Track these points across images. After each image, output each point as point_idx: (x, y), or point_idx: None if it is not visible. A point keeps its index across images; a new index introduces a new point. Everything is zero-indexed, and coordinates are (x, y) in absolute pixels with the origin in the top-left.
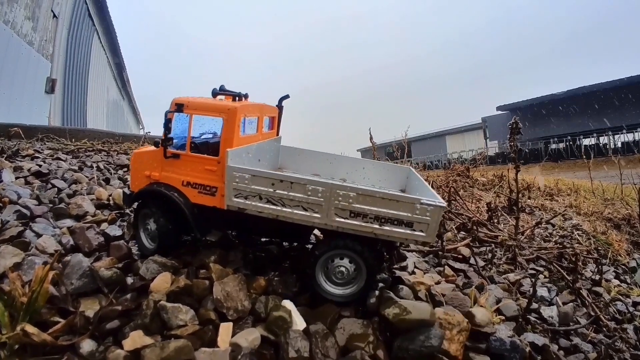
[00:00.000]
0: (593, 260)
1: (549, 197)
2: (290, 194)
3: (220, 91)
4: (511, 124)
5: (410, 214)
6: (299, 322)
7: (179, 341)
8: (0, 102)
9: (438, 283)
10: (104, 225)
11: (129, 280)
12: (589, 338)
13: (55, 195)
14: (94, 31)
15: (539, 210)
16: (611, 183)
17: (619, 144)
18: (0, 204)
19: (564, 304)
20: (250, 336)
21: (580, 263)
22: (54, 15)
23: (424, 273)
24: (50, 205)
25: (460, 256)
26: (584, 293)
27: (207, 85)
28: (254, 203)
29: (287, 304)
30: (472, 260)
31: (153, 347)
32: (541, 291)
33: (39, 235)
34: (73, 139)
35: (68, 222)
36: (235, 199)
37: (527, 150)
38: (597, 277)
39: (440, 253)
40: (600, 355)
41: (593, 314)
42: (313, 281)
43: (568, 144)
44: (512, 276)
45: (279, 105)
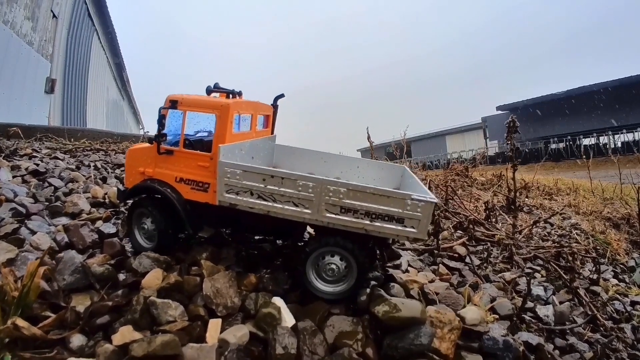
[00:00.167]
0: (591, 260)
1: (548, 197)
2: (281, 189)
3: (214, 88)
4: (508, 123)
5: (401, 210)
6: (288, 319)
7: (165, 336)
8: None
9: (432, 281)
10: (98, 222)
11: (121, 276)
12: (586, 337)
13: (52, 194)
14: (94, 31)
15: (537, 210)
16: (611, 183)
17: (619, 144)
18: None
19: (561, 303)
20: (239, 332)
21: (578, 262)
22: (54, 16)
23: (418, 271)
24: (46, 203)
25: (456, 255)
26: (582, 292)
27: (207, 85)
28: (245, 199)
29: (277, 300)
30: (468, 259)
31: (140, 342)
32: (537, 290)
33: (33, 233)
34: (72, 139)
35: (63, 220)
36: (227, 195)
37: (527, 150)
38: (595, 277)
39: (436, 252)
40: (596, 354)
41: (590, 313)
42: (304, 278)
43: (568, 143)
44: (508, 275)
45: (274, 104)
